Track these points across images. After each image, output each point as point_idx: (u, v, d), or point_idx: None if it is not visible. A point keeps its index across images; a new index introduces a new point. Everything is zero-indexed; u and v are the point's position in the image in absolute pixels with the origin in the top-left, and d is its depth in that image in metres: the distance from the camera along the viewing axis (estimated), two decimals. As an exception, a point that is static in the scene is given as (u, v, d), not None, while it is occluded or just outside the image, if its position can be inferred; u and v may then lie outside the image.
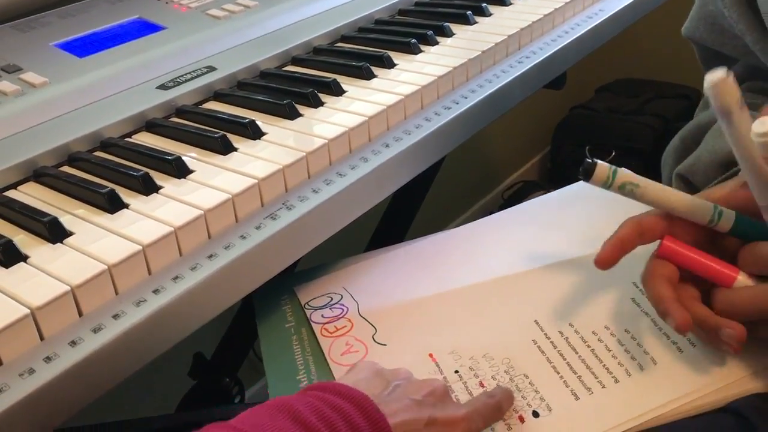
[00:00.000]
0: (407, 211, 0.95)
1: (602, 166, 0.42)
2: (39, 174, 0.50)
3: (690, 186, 0.54)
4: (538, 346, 0.47)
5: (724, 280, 0.43)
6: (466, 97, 0.62)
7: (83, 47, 0.63)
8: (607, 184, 0.43)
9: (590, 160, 0.42)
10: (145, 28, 0.66)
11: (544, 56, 0.69)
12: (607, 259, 0.44)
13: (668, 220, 0.45)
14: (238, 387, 0.87)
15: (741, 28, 0.54)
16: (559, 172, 1.76)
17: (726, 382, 0.43)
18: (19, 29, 0.64)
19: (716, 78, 0.37)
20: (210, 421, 0.36)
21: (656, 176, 0.49)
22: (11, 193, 0.49)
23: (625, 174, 0.43)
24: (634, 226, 0.45)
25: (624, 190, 0.43)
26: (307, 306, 0.54)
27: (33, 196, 0.48)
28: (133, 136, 0.56)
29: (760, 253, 0.42)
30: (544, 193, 0.65)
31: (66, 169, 0.51)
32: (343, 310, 0.53)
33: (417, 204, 0.95)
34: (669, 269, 0.44)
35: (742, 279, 0.43)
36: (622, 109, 1.66)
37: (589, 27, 0.75)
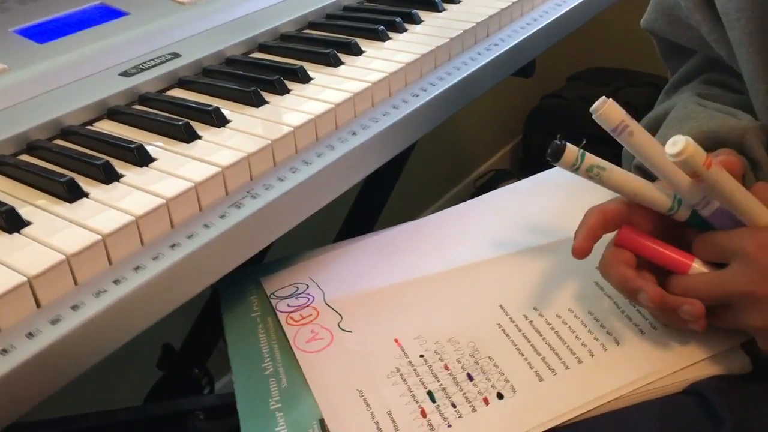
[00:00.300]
0: (377, 201, 0.95)
1: (571, 148, 0.43)
2: (-4, 163, 0.49)
3: (648, 177, 0.55)
4: (503, 330, 0.48)
5: (679, 267, 0.44)
6: (434, 85, 0.62)
7: (44, 33, 0.61)
8: (575, 167, 0.43)
9: (559, 142, 0.43)
10: (107, 14, 0.65)
11: (513, 43, 0.69)
12: (583, 248, 0.44)
13: (629, 208, 0.45)
14: (208, 378, 0.87)
15: (697, 18, 0.54)
16: (530, 161, 1.77)
17: (686, 364, 0.44)
18: (-23, 15, 0.63)
19: (599, 104, 0.41)
20: (178, 412, 0.34)
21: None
22: (-33, 183, 0.47)
23: (592, 157, 0.43)
24: (599, 215, 0.45)
25: (591, 173, 0.43)
26: (272, 296, 0.54)
27: (-10, 185, 0.47)
28: (94, 124, 0.54)
29: (714, 241, 0.44)
30: (516, 182, 0.65)
31: (24, 157, 0.50)
32: (309, 299, 0.53)
33: (386, 194, 0.95)
34: (627, 255, 0.44)
35: (697, 266, 0.44)
36: (592, 97, 1.66)
37: (558, 14, 0.76)
